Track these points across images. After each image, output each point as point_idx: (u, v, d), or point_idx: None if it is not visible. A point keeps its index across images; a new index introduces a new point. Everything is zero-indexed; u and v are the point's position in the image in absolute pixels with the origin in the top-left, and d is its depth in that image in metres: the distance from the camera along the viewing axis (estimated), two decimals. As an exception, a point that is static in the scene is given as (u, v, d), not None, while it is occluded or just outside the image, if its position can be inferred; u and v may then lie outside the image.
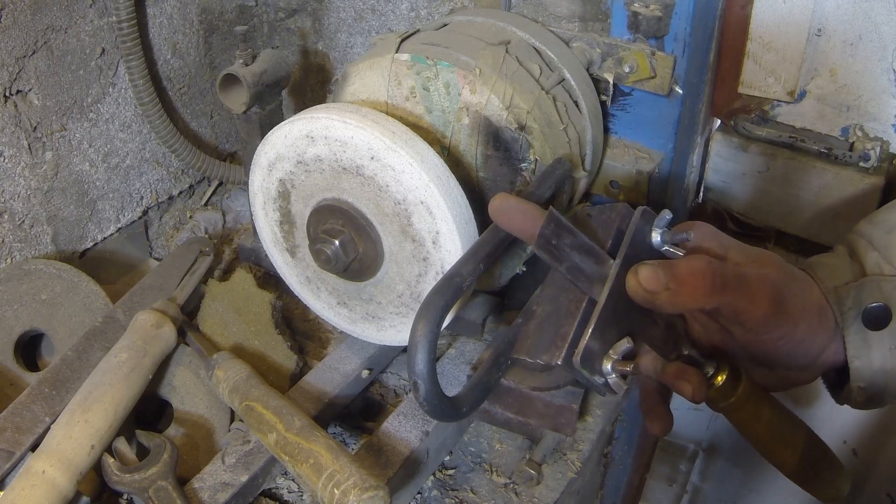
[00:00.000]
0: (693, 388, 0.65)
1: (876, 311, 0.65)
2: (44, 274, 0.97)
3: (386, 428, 0.85)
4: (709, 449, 1.53)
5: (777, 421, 0.70)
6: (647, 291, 0.60)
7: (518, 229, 0.68)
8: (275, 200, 0.89)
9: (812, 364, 0.68)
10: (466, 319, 0.95)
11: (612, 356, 0.60)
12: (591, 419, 0.94)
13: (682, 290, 0.59)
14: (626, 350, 0.61)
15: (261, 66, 0.95)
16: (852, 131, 0.97)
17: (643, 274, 0.60)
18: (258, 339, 0.98)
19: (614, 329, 0.61)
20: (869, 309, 0.65)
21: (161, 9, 1.13)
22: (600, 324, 0.60)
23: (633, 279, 0.61)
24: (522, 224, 0.67)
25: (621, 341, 0.61)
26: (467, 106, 0.84)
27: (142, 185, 1.19)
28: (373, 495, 0.71)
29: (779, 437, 0.70)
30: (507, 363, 0.80)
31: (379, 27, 1.21)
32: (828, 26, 0.92)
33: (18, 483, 0.73)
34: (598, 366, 0.60)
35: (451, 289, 0.64)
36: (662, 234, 0.63)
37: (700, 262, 0.61)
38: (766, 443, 0.71)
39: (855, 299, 0.66)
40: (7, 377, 0.93)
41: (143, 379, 0.85)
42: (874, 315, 0.65)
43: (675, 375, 0.67)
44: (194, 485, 0.79)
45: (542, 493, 0.86)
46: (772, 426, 0.70)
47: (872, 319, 0.65)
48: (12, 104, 0.96)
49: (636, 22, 0.90)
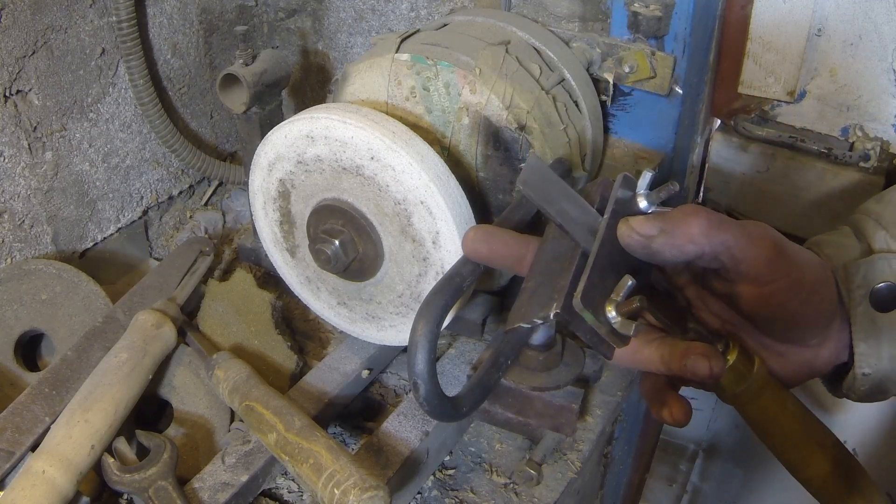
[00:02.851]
0: (710, 361, 0.59)
1: (885, 291, 0.62)
2: (44, 274, 0.97)
3: (386, 428, 0.85)
4: (709, 449, 1.53)
5: (803, 416, 0.64)
6: (642, 235, 0.56)
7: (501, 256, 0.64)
8: (275, 200, 0.89)
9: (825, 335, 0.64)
10: (466, 319, 0.95)
11: (615, 298, 0.55)
12: (591, 419, 0.94)
13: (678, 230, 0.55)
14: (631, 287, 0.54)
15: (261, 66, 0.95)
16: (852, 131, 0.97)
17: (635, 220, 0.57)
18: (258, 339, 0.98)
19: (612, 276, 0.56)
20: (878, 289, 0.62)
21: (161, 9, 1.13)
22: (597, 268, 0.55)
23: (625, 226, 0.57)
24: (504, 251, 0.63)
25: (623, 280, 0.55)
26: (467, 106, 0.84)
27: (142, 185, 1.19)
28: (373, 495, 0.71)
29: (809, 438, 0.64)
30: (508, 363, 0.80)
31: (379, 27, 1.21)
32: (828, 26, 0.92)
33: (18, 483, 0.73)
34: (601, 310, 0.55)
35: (451, 289, 0.64)
36: (648, 196, 0.60)
37: (695, 206, 0.58)
38: (796, 444, 0.64)
39: (864, 277, 0.63)
40: (7, 377, 0.93)
41: (143, 379, 0.85)
42: (883, 295, 0.62)
43: (685, 353, 0.60)
44: (194, 485, 0.79)
45: (542, 493, 0.86)
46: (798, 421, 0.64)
47: (881, 300, 0.62)
48: (12, 104, 0.96)
49: (636, 22, 0.90)
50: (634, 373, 1.01)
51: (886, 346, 0.63)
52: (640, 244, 0.56)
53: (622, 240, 0.57)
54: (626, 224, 0.57)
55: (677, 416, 0.63)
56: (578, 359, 0.90)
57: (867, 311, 0.63)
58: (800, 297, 0.60)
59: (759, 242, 0.58)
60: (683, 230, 0.55)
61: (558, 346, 0.89)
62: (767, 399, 0.63)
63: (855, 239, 0.67)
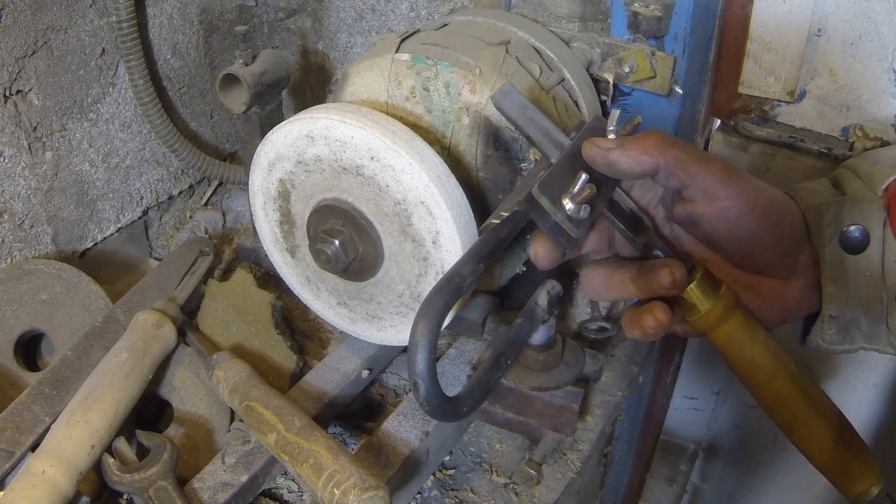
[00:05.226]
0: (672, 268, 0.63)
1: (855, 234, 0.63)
2: (44, 274, 0.97)
3: (386, 428, 0.85)
4: (709, 449, 1.53)
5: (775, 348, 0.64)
6: (601, 147, 0.62)
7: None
8: (275, 200, 0.89)
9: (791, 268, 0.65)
10: (466, 319, 0.95)
11: (571, 191, 0.61)
12: (591, 419, 0.94)
13: (634, 143, 0.62)
14: (585, 181, 0.60)
15: (261, 66, 0.95)
16: (852, 131, 0.97)
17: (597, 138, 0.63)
18: (258, 339, 0.98)
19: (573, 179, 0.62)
20: (848, 231, 0.63)
21: (161, 9, 1.13)
22: (558, 170, 0.62)
23: (588, 141, 0.63)
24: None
25: (577, 176, 0.61)
26: (467, 106, 0.84)
27: (142, 185, 1.19)
28: (373, 495, 0.71)
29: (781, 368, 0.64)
30: (508, 363, 0.80)
31: (379, 27, 1.21)
32: (828, 26, 0.92)
33: (18, 483, 0.73)
34: (558, 200, 0.61)
35: (451, 289, 0.64)
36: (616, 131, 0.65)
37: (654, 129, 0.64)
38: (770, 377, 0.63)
39: (834, 216, 0.64)
40: (7, 377, 0.93)
41: (143, 379, 0.85)
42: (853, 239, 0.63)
43: (649, 268, 0.64)
44: (194, 485, 0.79)
45: (542, 493, 0.86)
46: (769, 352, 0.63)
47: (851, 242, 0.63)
48: (12, 104, 0.96)
49: (636, 22, 0.90)
50: (634, 373, 1.01)
51: (854, 288, 0.64)
52: (599, 154, 0.62)
53: (585, 153, 0.63)
54: (588, 140, 0.64)
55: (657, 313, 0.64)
56: (578, 359, 0.90)
57: (836, 251, 0.64)
58: (754, 215, 0.63)
59: (711, 159, 0.63)
60: (639, 144, 0.62)
61: (558, 346, 0.89)
62: (736, 323, 0.64)
63: (830, 186, 0.68)
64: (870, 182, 0.66)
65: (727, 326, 0.64)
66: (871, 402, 1.18)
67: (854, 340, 0.66)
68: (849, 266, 0.64)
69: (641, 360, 1.04)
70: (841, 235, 0.64)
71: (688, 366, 1.37)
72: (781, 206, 0.65)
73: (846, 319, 0.65)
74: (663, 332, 0.65)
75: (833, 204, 0.65)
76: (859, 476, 0.64)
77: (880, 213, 0.64)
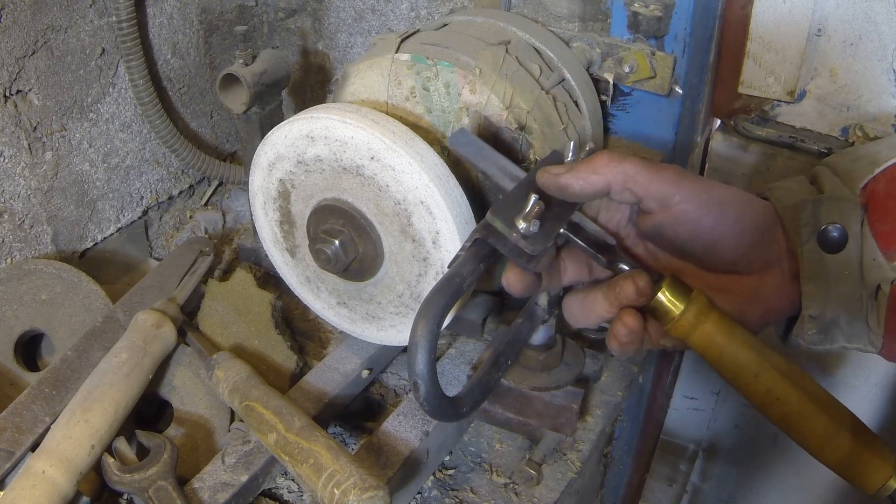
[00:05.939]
0: (634, 279, 0.64)
1: (833, 233, 0.63)
2: (44, 274, 0.97)
3: (386, 428, 0.85)
4: (709, 449, 1.53)
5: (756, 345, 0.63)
6: (552, 173, 0.65)
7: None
8: (275, 200, 0.89)
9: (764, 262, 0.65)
10: (466, 319, 0.95)
11: (524, 211, 0.62)
12: (591, 419, 0.94)
13: (582, 165, 0.64)
14: (535, 200, 0.62)
15: (261, 66, 0.95)
16: (852, 131, 0.97)
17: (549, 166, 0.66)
18: (258, 339, 0.98)
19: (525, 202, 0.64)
20: (826, 231, 0.63)
21: (161, 9, 1.13)
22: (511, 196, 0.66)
23: (540, 171, 0.66)
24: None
25: (528, 198, 0.62)
26: (467, 106, 0.84)
27: (142, 185, 1.19)
28: (373, 495, 0.71)
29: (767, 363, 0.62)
30: (508, 363, 0.80)
31: (379, 27, 1.21)
32: (828, 26, 0.92)
33: (18, 483, 0.73)
34: (512, 222, 0.63)
35: (451, 289, 0.64)
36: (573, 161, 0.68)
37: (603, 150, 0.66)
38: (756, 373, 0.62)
39: (812, 215, 0.64)
40: (7, 377, 0.93)
41: (143, 379, 0.85)
42: (831, 238, 0.63)
43: (615, 283, 0.65)
44: (194, 485, 0.79)
45: (542, 493, 0.86)
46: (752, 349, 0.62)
47: (829, 241, 0.63)
48: (12, 104, 0.96)
49: (636, 22, 0.90)
50: (634, 373, 1.01)
51: (833, 287, 0.63)
52: (551, 180, 0.65)
53: (538, 180, 0.66)
54: (541, 169, 0.66)
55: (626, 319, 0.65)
56: (578, 359, 0.91)
57: (814, 250, 0.64)
58: (711, 212, 0.64)
59: (662, 168, 0.64)
60: (587, 164, 0.64)
61: (558, 346, 0.89)
62: (712, 325, 0.63)
63: (808, 184, 0.68)
64: (848, 180, 0.65)
65: (704, 328, 0.63)
66: (871, 402, 1.18)
67: (835, 339, 0.65)
68: (828, 265, 0.63)
69: (641, 360, 1.04)
70: (819, 234, 0.64)
71: (688, 366, 1.37)
72: (739, 200, 0.66)
73: (826, 319, 0.64)
74: (638, 339, 0.65)
75: (810, 202, 0.65)
76: (875, 468, 0.60)
77: (858, 212, 0.64)
